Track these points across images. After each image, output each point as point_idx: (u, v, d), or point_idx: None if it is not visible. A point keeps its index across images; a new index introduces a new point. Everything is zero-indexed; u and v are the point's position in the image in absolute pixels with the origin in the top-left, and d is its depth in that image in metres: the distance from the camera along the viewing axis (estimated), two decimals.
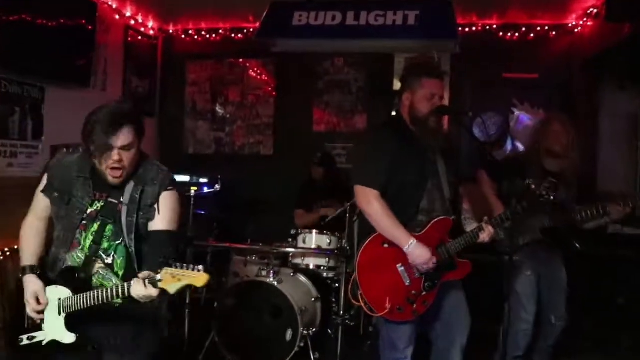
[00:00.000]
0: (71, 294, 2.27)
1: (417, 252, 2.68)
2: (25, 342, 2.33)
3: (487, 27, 5.52)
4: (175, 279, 2.03)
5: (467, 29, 5.50)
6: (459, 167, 3.15)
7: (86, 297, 2.23)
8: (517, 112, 5.57)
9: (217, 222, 5.09)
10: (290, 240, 4.32)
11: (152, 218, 2.30)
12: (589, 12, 5.15)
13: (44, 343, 2.31)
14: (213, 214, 5.05)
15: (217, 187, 4.66)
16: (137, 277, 2.11)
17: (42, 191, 2.41)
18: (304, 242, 4.25)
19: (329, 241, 4.22)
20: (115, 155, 2.22)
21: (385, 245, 2.75)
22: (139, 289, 2.07)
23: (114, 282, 2.31)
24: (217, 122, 6.12)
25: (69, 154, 2.42)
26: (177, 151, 6.11)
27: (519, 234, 3.40)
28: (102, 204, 2.32)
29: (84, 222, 2.31)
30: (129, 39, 5.57)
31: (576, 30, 5.43)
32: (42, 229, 2.43)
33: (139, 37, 5.74)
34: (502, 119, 5.52)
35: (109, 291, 2.17)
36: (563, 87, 5.42)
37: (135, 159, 2.29)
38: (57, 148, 4.50)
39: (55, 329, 2.30)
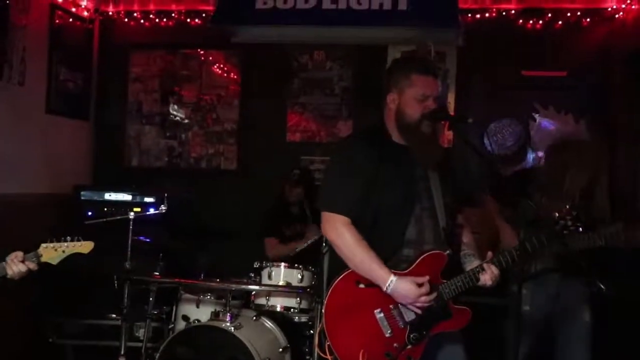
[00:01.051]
0: None
1: (402, 288, 2.64)
2: None
3: (504, 13, 5.53)
4: (59, 251, 2.87)
5: (477, 16, 5.52)
6: (462, 188, 3.13)
7: None
8: (539, 119, 5.58)
9: (163, 252, 5.05)
10: (253, 275, 4.29)
11: None
12: None
13: None
14: (159, 241, 5.01)
15: (163, 208, 4.62)
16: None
17: None
18: (270, 277, 4.23)
19: (300, 276, 4.21)
20: None
21: (361, 286, 2.72)
22: (18, 267, 2.79)
23: None
24: (168, 128, 6.11)
25: None
26: (116, 163, 6.09)
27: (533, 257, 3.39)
28: None
29: None
30: (57, 21, 5.53)
31: (617, 16, 5.43)
32: None
33: (70, 20, 5.71)
34: (520, 128, 5.53)
35: None
36: (598, 87, 5.45)
37: None
38: None
39: None
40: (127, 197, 5.43)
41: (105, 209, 5.27)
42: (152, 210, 4.89)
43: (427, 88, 2.77)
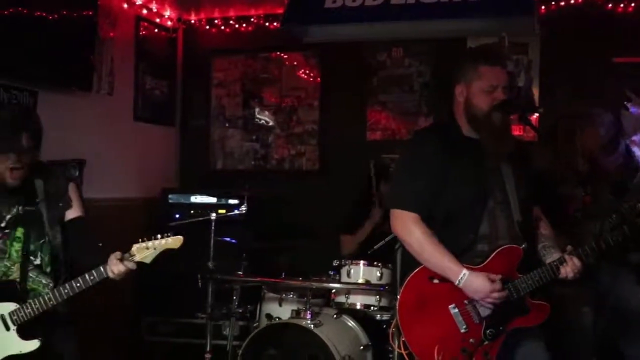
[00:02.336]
0: (18, 306, 2.81)
1: (475, 284, 2.61)
2: None
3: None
4: (150, 249, 2.81)
5: (562, 3, 5.33)
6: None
7: (46, 300, 2.80)
8: (631, 106, 5.34)
9: (247, 252, 5.15)
10: (332, 273, 4.30)
11: (69, 207, 3.00)
12: None
13: None
14: (244, 242, 5.12)
15: (243, 209, 4.72)
16: (107, 259, 2.80)
17: None
18: (349, 275, 4.21)
19: (379, 274, 4.17)
20: (13, 159, 2.77)
21: (435, 281, 2.71)
22: (119, 267, 2.77)
23: (44, 281, 2.92)
24: (251, 131, 6.22)
25: None
26: (202, 166, 6.25)
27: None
28: (18, 210, 2.91)
29: (5, 230, 2.89)
30: (142, 32, 5.74)
31: None
32: None
33: (154, 30, 5.91)
34: (611, 118, 5.30)
35: (79, 282, 2.80)
36: None
37: (32, 161, 2.86)
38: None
39: (5, 346, 2.81)
40: (212, 199, 5.55)
41: (192, 211, 5.44)
42: (235, 212, 4.99)
43: (495, 79, 2.74)
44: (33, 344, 2.81)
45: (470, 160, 2.74)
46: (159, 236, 2.85)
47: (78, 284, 2.79)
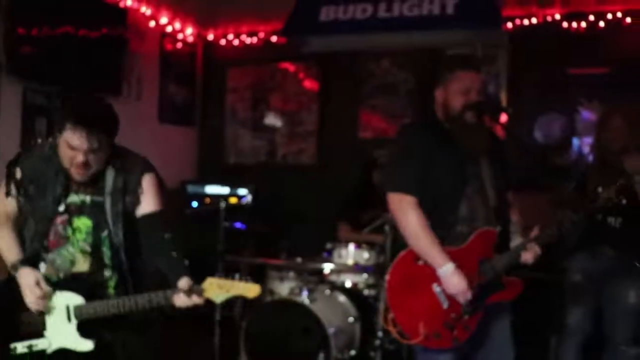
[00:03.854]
0: (84, 301, 2.23)
1: (453, 281, 2.37)
2: (22, 350, 2.22)
3: (549, 18, 5.03)
4: (223, 289, 2.10)
5: (525, 21, 5.06)
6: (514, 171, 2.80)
7: (109, 305, 2.20)
8: (582, 110, 5.11)
9: (254, 236, 4.94)
10: (326, 255, 4.11)
11: (138, 203, 2.29)
12: None
13: (48, 351, 2.24)
14: (252, 227, 4.92)
15: (248, 198, 4.50)
16: (176, 286, 2.12)
17: (8, 193, 2.29)
18: (340, 257, 4.02)
19: (367, 256, 3.96)
20: (79, 157, 2.15)
21: (420, 262, 2.45)
22: (183, 300, 2.10)
23: (107, 274, 2.29)
24: (259, 131, 5.96)
25: (37, 147, 2.40)
26: (217, 161, 6.01)
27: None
28: (88, 199, 2.28)
29: (65, 215, 2.26)
30: (166, 46, 5.53)
31: None
32: (12, 231, 2.33)
33: (177, 44, 5.68)
34: (565, 120, 5.10)
35: (144, 300, 2.15)
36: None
37: (102, 158, 2.23)
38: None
39: (63, 336, 2.25)
40: (224, 189, 5.32)
41: (207, 200, 5.23)
42: (243, 201, 4.80)
43: (469, 81, 2.51)
44: (86, 345, 2.22)
45: (451, 151, 2.51)
46: (237, 276, 2.25)
47: (143, 302, 2.16)
